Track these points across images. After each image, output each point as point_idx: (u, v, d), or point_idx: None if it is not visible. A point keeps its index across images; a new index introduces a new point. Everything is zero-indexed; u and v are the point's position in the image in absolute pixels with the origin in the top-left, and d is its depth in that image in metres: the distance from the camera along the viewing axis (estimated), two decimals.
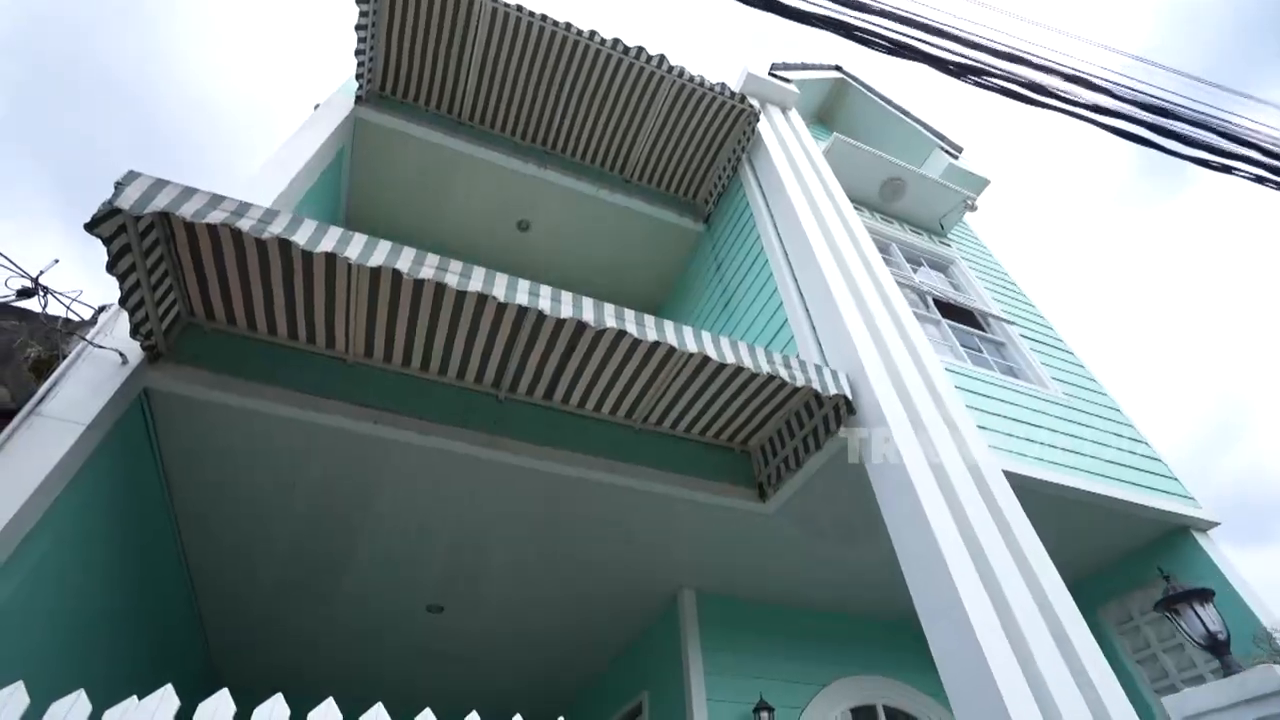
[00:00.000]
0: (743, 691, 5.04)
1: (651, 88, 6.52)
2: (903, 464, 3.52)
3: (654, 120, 6.79)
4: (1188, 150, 4.09)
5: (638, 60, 6.16)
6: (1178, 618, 2.49)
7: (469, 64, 6.38)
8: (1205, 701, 1.83)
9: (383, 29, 6.06)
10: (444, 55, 6.31)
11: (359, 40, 5.89)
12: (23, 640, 2.92)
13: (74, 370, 3.14)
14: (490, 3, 5.85)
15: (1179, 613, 2.49)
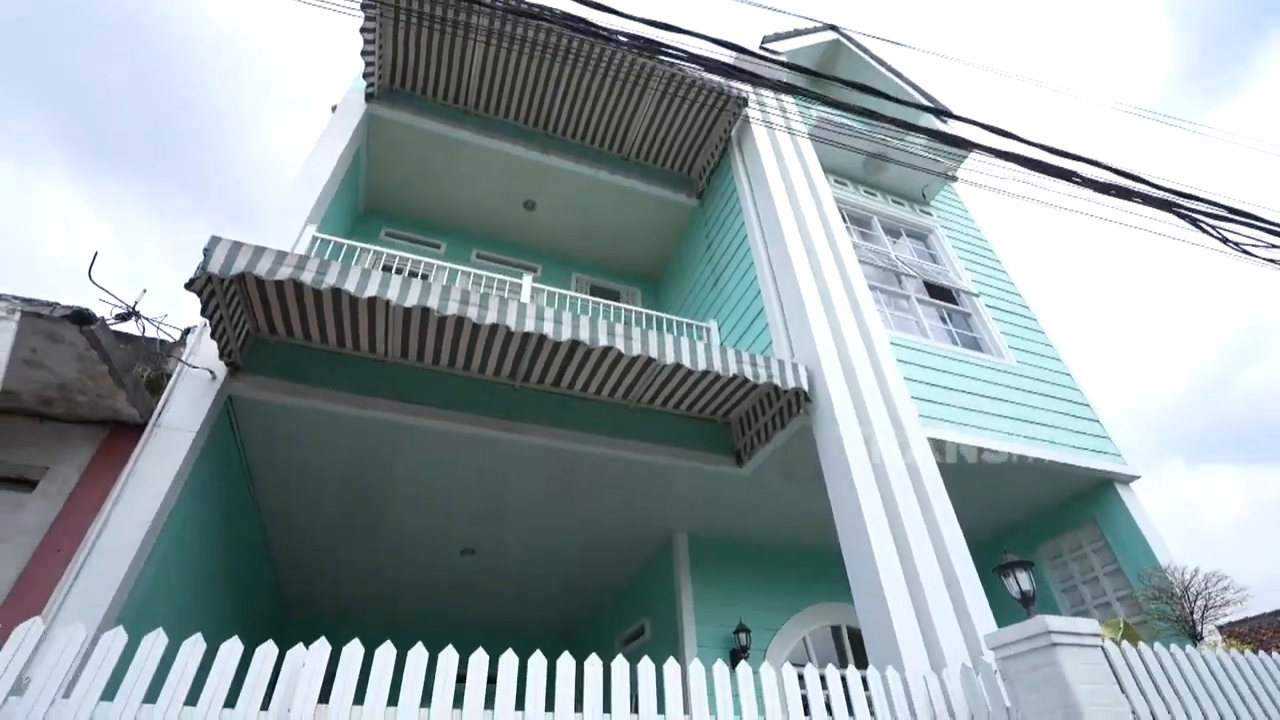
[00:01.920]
0: (725, 616, 6.06)
1: (645, 75, 6.89)
2: (842, 444, 4.30)
3: (649, 104, 7.20)
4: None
5: (630, 53, 6.52)
6: (1005, 578, 3.29)
7: (472, 56, 6.78)
8: (1006, 637, 2.62)
9: (389, 31, 6.45)
10: (448, 49, 6.71)
11: (365, 42, 6.32)
12: (164, 594, 3.89)
13: (178, 387, 3.97)
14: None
15: (1006, 575, 3.28)
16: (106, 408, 3.68)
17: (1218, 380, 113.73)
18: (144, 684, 2.03)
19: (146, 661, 2.05)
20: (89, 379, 3.49)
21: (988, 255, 7.75)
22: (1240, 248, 3.80)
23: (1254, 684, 2.78)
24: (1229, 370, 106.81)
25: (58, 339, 3.21)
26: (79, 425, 3.74)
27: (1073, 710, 2.28)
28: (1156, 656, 2.69)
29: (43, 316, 3.09)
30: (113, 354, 3.36)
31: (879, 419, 4.54)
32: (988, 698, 2.73)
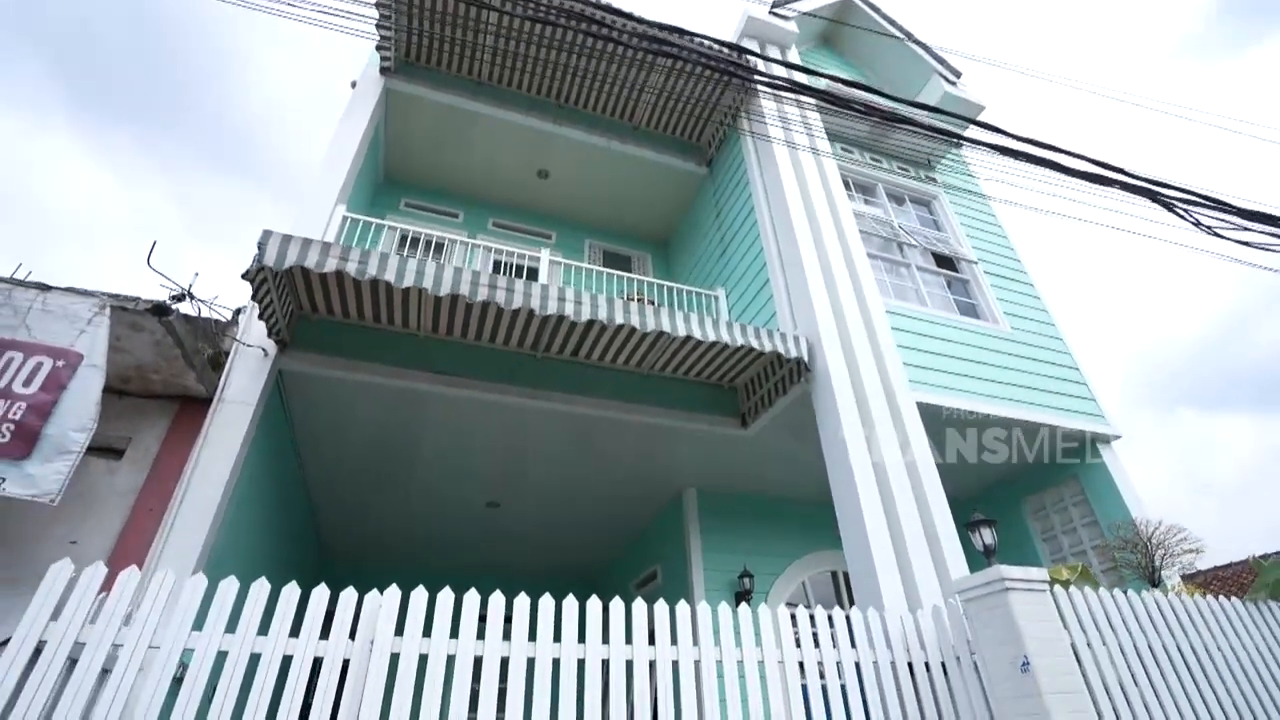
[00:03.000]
0: (731, 563, 6.60)
1: (652, 60, 7.01)
2: (837, 410, 4.69)
3: (657, 80, 7.33)
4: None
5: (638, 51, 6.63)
6: (972, 533, 3.72)
7: (485, 28, 6.92)
8: (970, 582, 3.06)
9: (404, 4, 6.59)
10: (462, 22, 6.85)
11: (381, 16, 6.48)
12: (233, 546, 4.42)
13: (235, 364, 4.41)
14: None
15: (973, 530, 3.72)
16: (178, 385, 4.12)
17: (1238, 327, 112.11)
18: (223, 618, 2.48)
19: (224, 601, 2.51)
20: (163, 360, 3.92)
21: (989, 221, 7.95)
22: (1212, 230, 4.05)
23: (1173, 620, 3.23)
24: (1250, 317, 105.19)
25: (139, 328, 3.63)
26: (154, 400, 4.19)
27: (1017, 642, 2.74)
28: (1099, 598, 3.13)
29: (128, 310, 3.49)
30: (185, 340, 3.78)
31: (872, 387, 4.92)
32: (952, 633, 3.20)
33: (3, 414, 3.31)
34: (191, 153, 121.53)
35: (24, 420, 3.33)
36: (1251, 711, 3.11)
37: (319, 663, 2.50)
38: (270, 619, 2.54)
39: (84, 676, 2.25)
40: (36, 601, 2.24)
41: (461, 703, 2.48)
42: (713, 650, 2.85)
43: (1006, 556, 5.77)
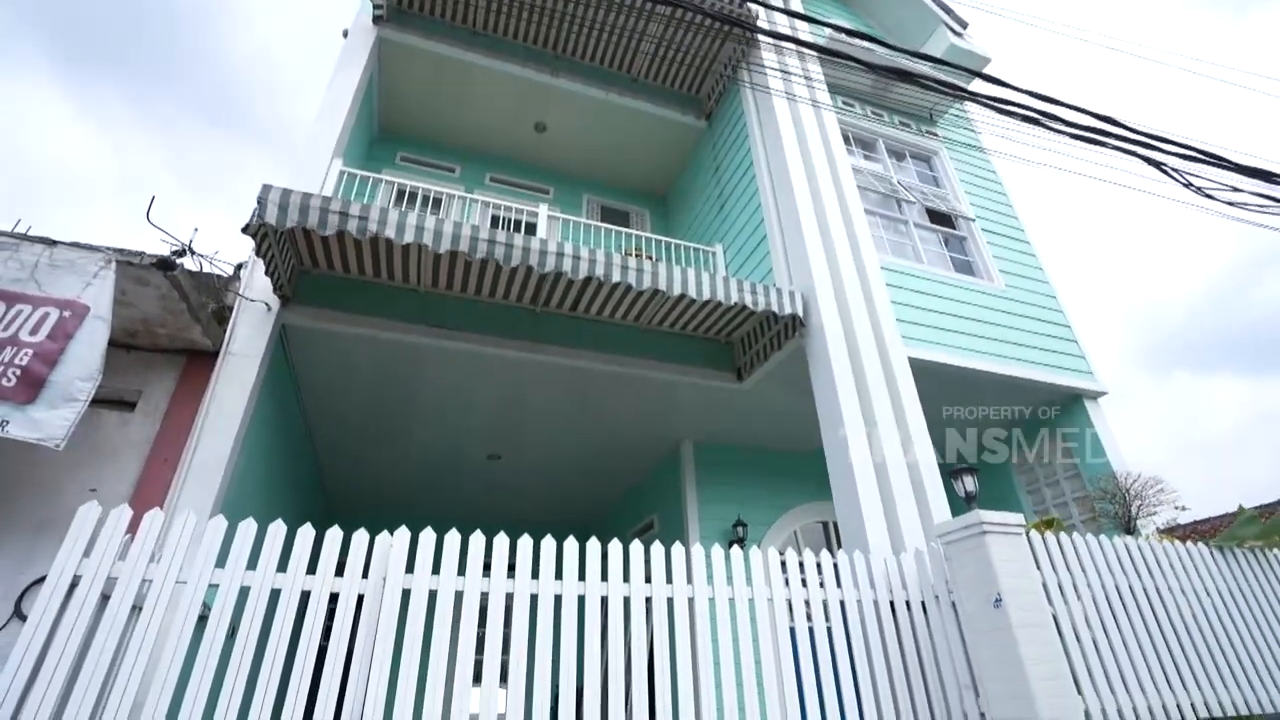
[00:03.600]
0: (726, 513, 6.83)
1: (650, 8, 6.85)
2: (830, 365, 4.81)
3: (656, 29, 7.18)
4: None
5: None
6: (955, 480, 3.89)
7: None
8: (950, 526, 3.22)
9: None
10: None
11: None
12: (246, 494, 4.57)
13: (240, 318, 4.48)
14: None
15: (956, 478, 3.88)
16: (184, 338, 4.20)
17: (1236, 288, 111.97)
18: (244, 557, 2.63)
19: (244, 541, 2.65)
20: (169, 314, 3.99)
21: (990, 178, 7.92)
22: (1203, 192, 4.08)
23: (1140, 562, 3.42)
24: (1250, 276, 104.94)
25: (145, 282, 3.68)
26: (161, 354, 4.28)
27: (992, 580, 2.91)
28: (1071, 541, 3.31)
29: (133, 264, 3.55)
30: (190, 294, 3.84)
31: (865, 343, 5.02)
32: (932, 574, 3.38)
33: (9, 360, 3.36)
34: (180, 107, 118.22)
35: (30, 366, 3.38)
36: (1207, 647, 3.32)
37: (334, 603, 2.66)
38: (288, 560, 2.69)
39: (117, 611, 2.40)
40: (69, 540, 2.38)
41: (469, 635, 2.66)
42: (705, 588, 3.02)
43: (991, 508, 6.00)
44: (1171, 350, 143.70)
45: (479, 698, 2.61)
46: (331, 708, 2.44)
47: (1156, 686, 3.06)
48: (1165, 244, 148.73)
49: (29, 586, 3.44)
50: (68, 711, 2.21)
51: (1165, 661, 3.15)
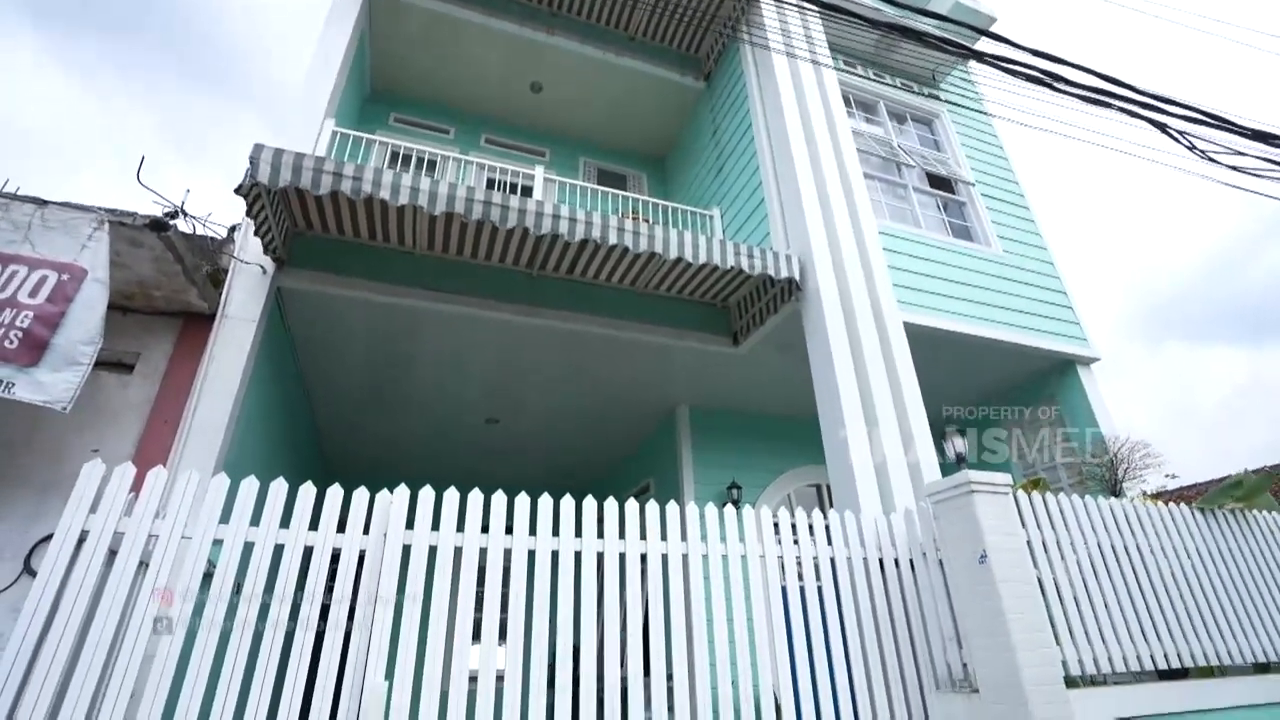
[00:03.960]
0: (720, 476, 6.93)
1: None
2: (826, 329, 4.83)
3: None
4: None
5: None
6: (945, 442, 3.97)
7: None
8: (939, 486, 3.30)
9: None
10: None
11: None
12: (246, 456, 4.63)
13: (235, 281, 4.47)
14: None
15: (946, 440, 3.96)
16: (180, 301, 4.20)
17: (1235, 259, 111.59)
18: (247, 512, 2.67)
19: (247, 498, 2.69)
20: (164, 276, 3.98)
21: (991, 142, 7.82)
22: (1207, 156, 4.05)
23: (1124, 522, 3.51)
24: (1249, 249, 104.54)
25: (138, 244, 3.66)
26: (158, 317, 4.27)
27: (978, 538, 3.00)
28: (1057, 501, 3.39)
29: (126, 225, 3.52)
30: (185, 256, 3.83)
31: (861, 307, 5.04)
32: (921, 532, 3.47)
33: (10, 321, 3.36)
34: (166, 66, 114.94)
35: (31, 329, 3.39)
36: (1182, 602, 3.43)
37: (335, 564, 2.71)
38: (290, 517, 2.74)
39: (124, 566, 2.45)
40: (75, 496, 2.42)
41: (469, 592, 2.74)
42: (699, 545, 3.10)
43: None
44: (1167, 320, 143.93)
45: (478, 655, 2.69)
46: (336, 661, 2.52)
47: (1131, 638, 3.17)
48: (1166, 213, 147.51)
49: (37, 544, 3.51)
50: (80, 663, 2.28)
51: (1141, 615, 3.26)
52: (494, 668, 2.67)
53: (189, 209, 4.38)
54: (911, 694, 3.20)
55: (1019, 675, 2.73)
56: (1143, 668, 3.16)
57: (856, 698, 3.09)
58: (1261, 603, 3.65)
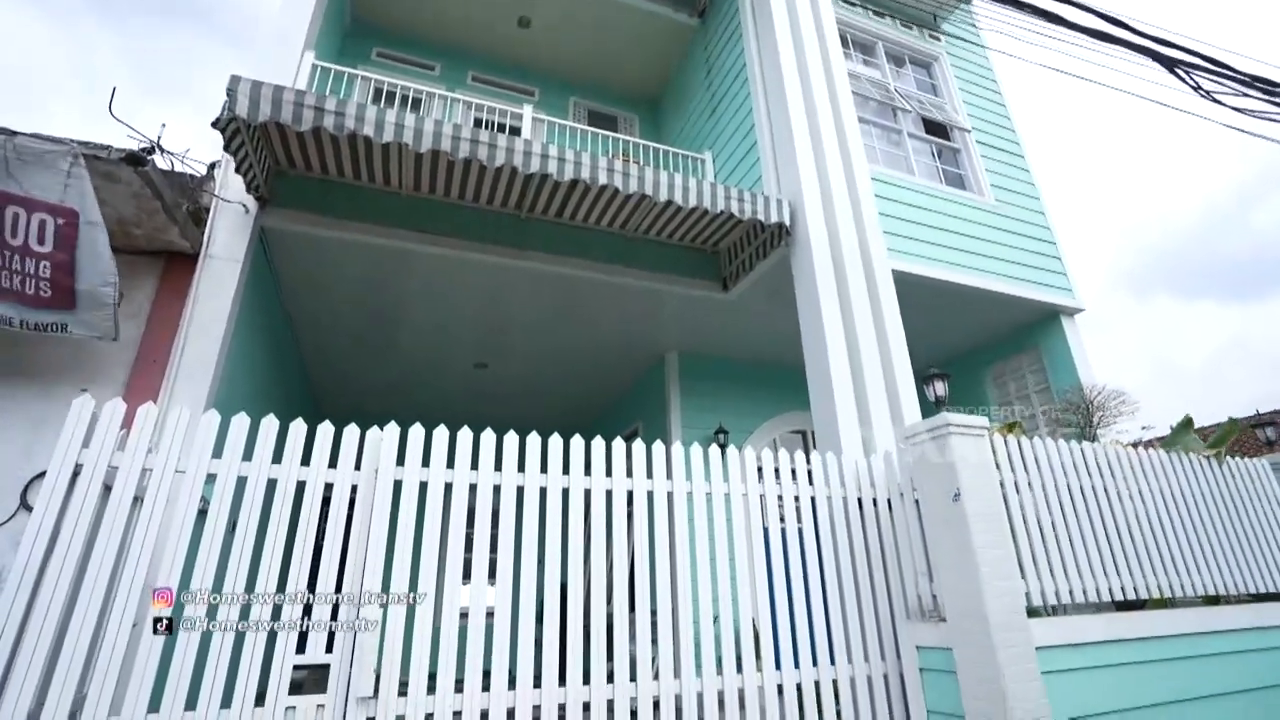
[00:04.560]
0: (708, 421, 7.06)
1: None
2: (814, 274, 4.85)
3: None
4: None
5: None
6: (926, 386, 4.05)
7: None
8: (919, 428, 3.39)
9: None
10: None
11: None
12: (235, 397, 4.65)
13: (217, 221, 4.39)
14: None
15: (927, 384, 4.04)
16: (162, 240, 4.13)
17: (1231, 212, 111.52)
18: (239, 448, 2.70)
19: (238, 434, 2.72)
20: (144, 214, 3.90)
21: (989, 87, 7.67)
22: (1211, 95, 4.00)
23: (1094, 465, 3.64)
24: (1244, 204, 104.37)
25: (115, 179, 3.58)
26: (140, 256, 4.21)
27: (953, 477, 3.11)
28: (1031, 445, 3.50)
29: (101, 159, 3.43)
30: (165, 193, 3.74)
31: (850, 253, 5.04)
32: (899, 473, 3.59)
33: (34, 271, 3.49)
34: None
35: (55, 279, 3.53)
36: (1144, 540, 3.60)
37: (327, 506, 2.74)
38: (281, 455, 2.78)
39: (120, 500, 2.49)
40: (67, 429, 2.44)
41: (459, 530, 2.81)
42: (685, 483, 3.19)
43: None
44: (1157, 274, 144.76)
45: (469, 593, 2.79)
46: (330, 601, 2.60)
47: (1093, 573, 3.34)
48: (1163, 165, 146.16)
49: (32, 480, 3.55)
50: (82, 592, 2.34)
51: (1104, 551, 3.42)
52: (484, 605, 2.77)
53: (165, 145, 4.27)
54: (883, 623, 3.38)
55: (984, 605, 2.88)
56: (1100, 599, 3.33)
57: (831, 627, 3.25)
58: (1213, 541, 3.84)
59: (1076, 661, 3.00)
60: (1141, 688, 3.09)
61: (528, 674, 2.78)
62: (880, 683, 3.27)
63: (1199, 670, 3.30)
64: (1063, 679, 2.91)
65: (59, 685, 2.18)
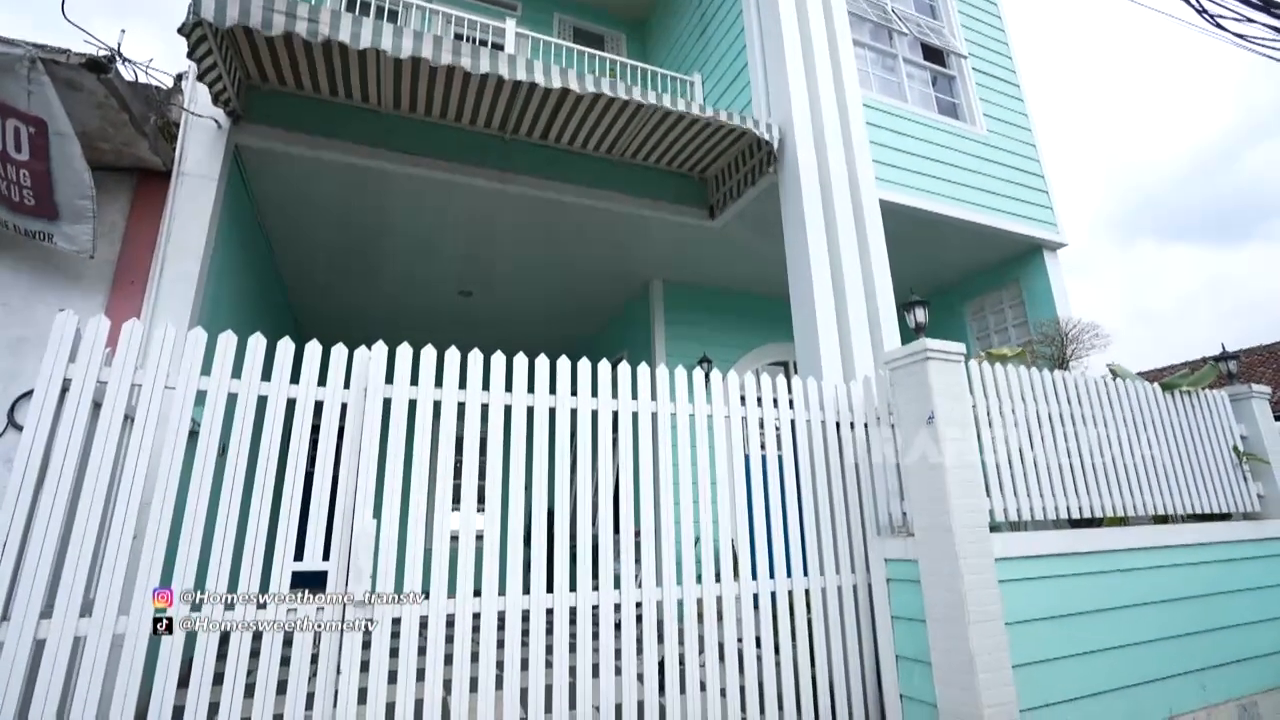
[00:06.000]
0: (692, 350, 7.14)
1: None
2: (801, 201, 4.82)
3: None
4: None
5: None
6: (907, 313, 4.13)
7: None
8: (897, 354, 3.47)
9: None
10: None
11: None
12: (222, 316, 4.59)
13: (189, 136, 4.22)
14: None
15: (907, 310, 4.12)
16: (131, 155, 3.98)
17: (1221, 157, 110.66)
18: (228, 365, 2.69)
19: (226, 351, 2.71)
20: (110, 126, 3.74)
21: (990, 10, 7.42)
22: (1215, 20, 3.92)
23: (1063, 393, 3.79)
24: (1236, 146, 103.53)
25: (78, 87, 3.40)
26: (110, 173, 4.06)
27: (928, 400, 3.22)
28: (1005, 372, 3.62)
29: (60, 64, 3.25)
30: (131, 104, 3.58)
31: (839, 181, 5.00)
32: (877, 398, 3.70)
33: (14, 178, 3.43)
34: None
35: (35, 187, 3.48)
36: (1104, 464, 3.79)
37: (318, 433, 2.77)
38: (270, 374, 2.79)
39: (111, 417, 2.49)
40: (52, 345, 2.43)
41: (448, 453, 2.87)
42: (669, 404, 3.28)
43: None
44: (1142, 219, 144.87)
45: (459, 520, 2.88)
46: (325, 505, 2.68)
47: (1054, 493, 3.53)
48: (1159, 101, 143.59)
49: (19, 399, 3.55)
50: (79, 510, 2.37)
51: (1065, 474, 3.60)
52: (474, 530, 2.85)
53: (126, 54, 4.05)
54: (855, 540, 3.57)
55: (950, 520, 3.05)
56: (1059, 517, 3.54)
57: (806, 544, 3.43)
58: (1166, 465, 4.05)
59: (1033, 571, 3.21)
60: (1091, 595, 3.33)
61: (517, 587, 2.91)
62: (850, 592, 3.48)
63: (1147, 580, 3.55)
64: (1019, 586, 3.13)
65: (67, 588, 2.27)
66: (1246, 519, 4.32)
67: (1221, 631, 3.69)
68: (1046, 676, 3.03)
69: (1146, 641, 3.39)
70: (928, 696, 3.05)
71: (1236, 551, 3.99)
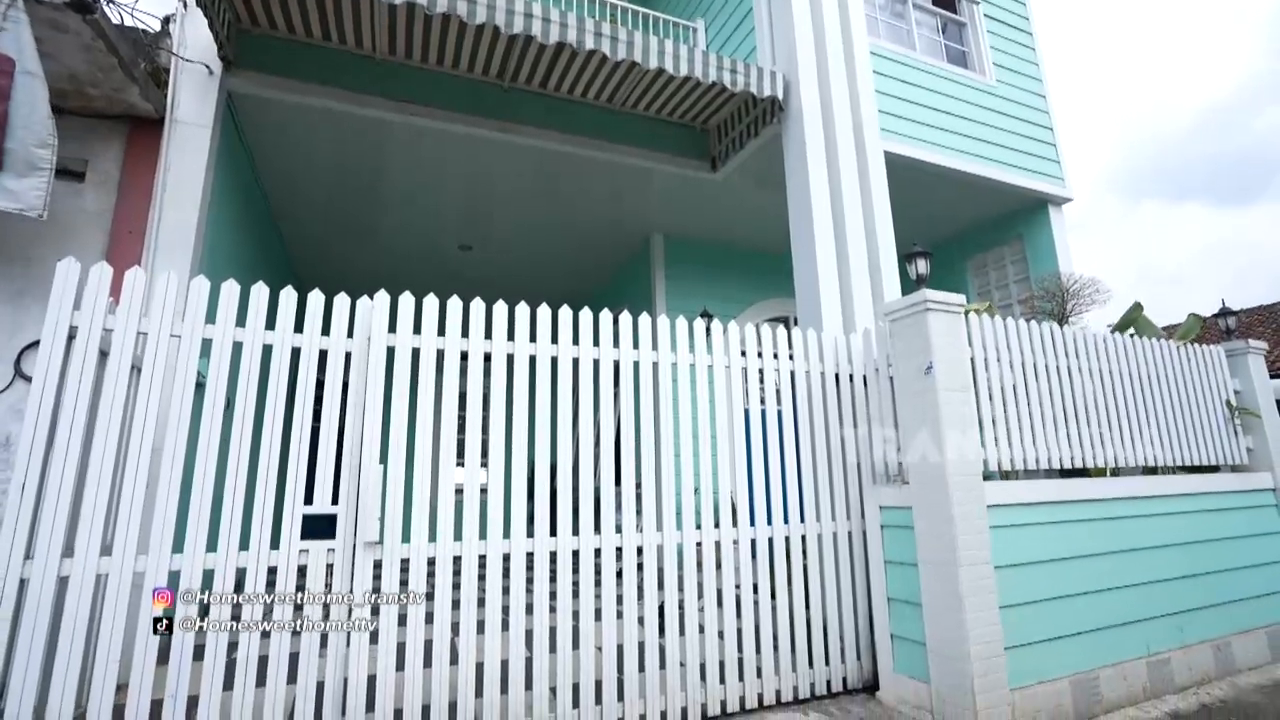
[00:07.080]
0: (692, 304, 7.14)
1: None
2: (805, 152, 4.75)
3: None
4: None
5: None
6: (909, 264, 4.13)
7: None
8: (898, 304, 3.48)
9: None
10: None
11: None
12: (221, 267, 4.58)
13: (180, 83, 4.13)
14: None
15: (909, 261, 4.11)
16: (122, 101, 3.89)
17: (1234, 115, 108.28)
18: (232, 313, 2.71)
19: (229, 300, 2.71)
20: (99, 71, 3.65)
21: None
22: None
23: (1060, 346, 3.81)
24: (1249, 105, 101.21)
25: (63, 28, 3.31)
26: (101, 120, 3.98)
27: (927, 351, 3.25)
28: (1004, 324, 3.63)
29: (42, 3, 3.15)
30: (119, 44, 3.49)
31: (843, 132, 4.91)
32: (876, 350, 3.73)
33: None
34: None
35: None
36: (1096, 416, 3.84)
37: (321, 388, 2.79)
38: (274, 320, 2.80)
39: (118, 365, 2.51)
40: (56, 292, 2.43)
41: (452, 390, 2.91)
42: (670, 354, 3.31)
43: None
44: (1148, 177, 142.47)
45: (463, 474, 2.92)
46: (333, 451, 2.74)
47: (1047, 443, 3.59)
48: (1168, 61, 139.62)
49: (24, 349, 3.57)
50: (92, 459, 2.41)
51: (1059, 425, 3.66)
52: (479, 483, 2.90)
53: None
54: (851, 488, 3.65)
55: (944, 469, 3.12)
56: (1052, 467, 3.61)
57: (804, 492, 3.52)
58: (1157, 418, 4.10)
59: (1023, 518, 3.30)
60: (1078, 541, 3.43)
61: (521, 530, 2.98)
62: (844, 538, 3.59)
63: (1133, 528, 3.65)
64: (1009, 532, 3.22)
65: (85, 529, 2.33)
66: (1234, 471, 4.41)
67: (1202, 577, 3.81)
68: (1031, 617, 3.15)
69: (1128, 586, 3.51)
70: (917, 635, 3.17)
71: (1222, 502, 4.09)
